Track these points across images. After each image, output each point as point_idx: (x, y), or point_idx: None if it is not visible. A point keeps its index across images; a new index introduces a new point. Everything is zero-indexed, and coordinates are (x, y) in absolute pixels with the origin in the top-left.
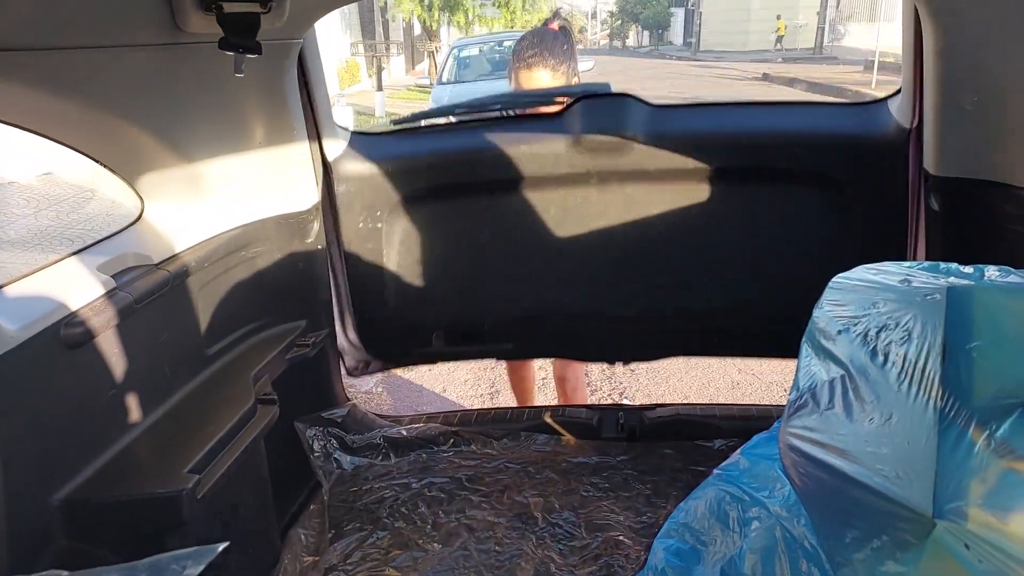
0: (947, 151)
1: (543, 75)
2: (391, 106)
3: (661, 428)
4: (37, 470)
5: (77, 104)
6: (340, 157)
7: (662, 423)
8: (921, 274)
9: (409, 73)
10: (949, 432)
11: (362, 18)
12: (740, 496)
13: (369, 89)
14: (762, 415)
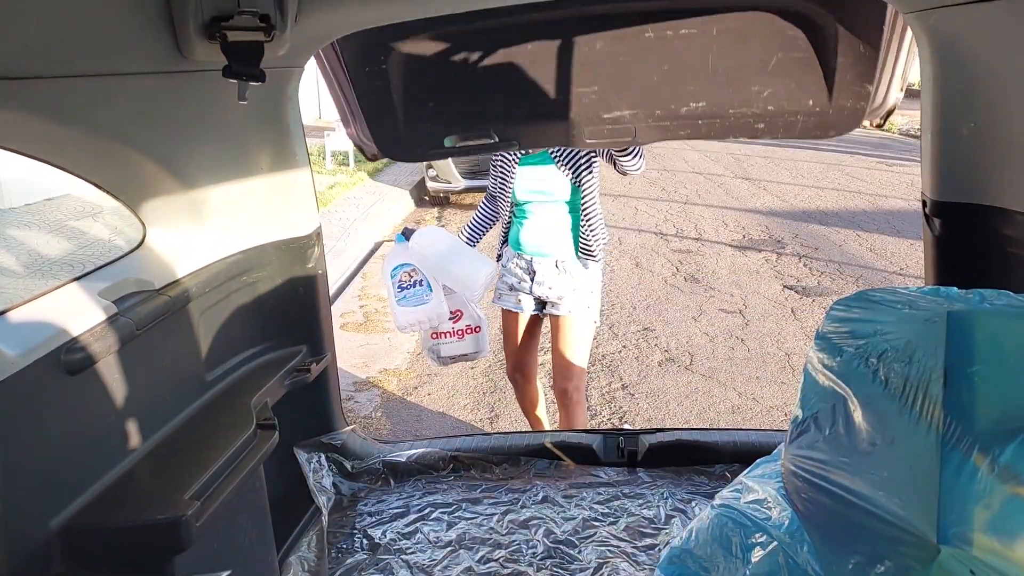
0: (945, 176)
1: None
2: None
3: (662, 453)
4: (36, 495)
5: (81, 131)
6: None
7: (663, 448)
8: (921, 298)
9: None
10: (952, 457)
11: None
12: (742, 522)
13: None
14: (763, 440)
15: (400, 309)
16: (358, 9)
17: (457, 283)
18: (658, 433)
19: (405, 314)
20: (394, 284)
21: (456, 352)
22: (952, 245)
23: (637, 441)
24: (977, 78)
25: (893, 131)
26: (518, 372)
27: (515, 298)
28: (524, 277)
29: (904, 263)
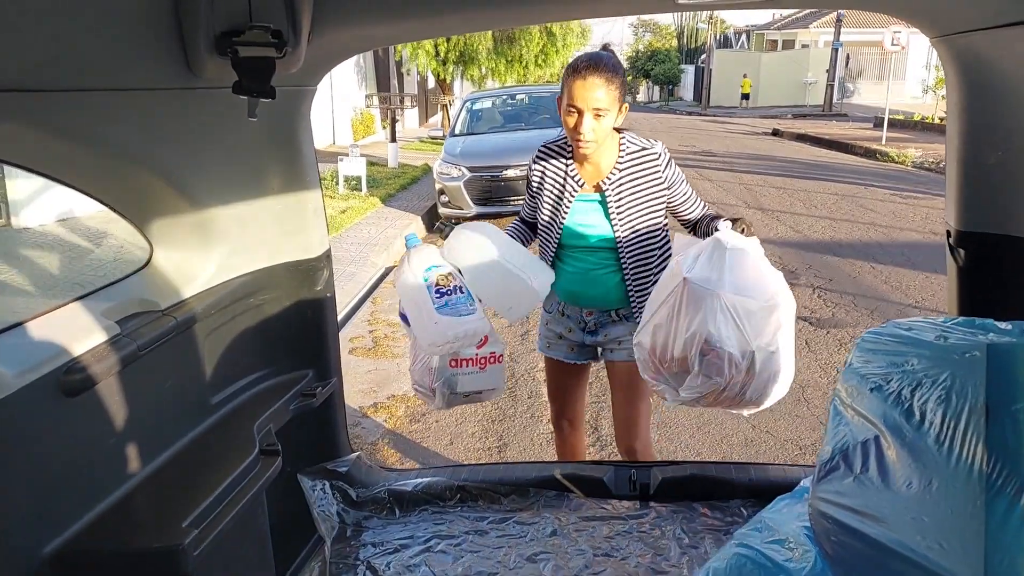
0: (971, 206)
1: (597, 82)
2: (404, 157)
3: (675, 486)
4: (29, 520)
5: (88, 147)
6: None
7: (676, 481)
8: (957, 330)
9: (422, 125)
10: (998, 501)
11: (378, 72)
12: (762, 563)
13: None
14: (780, 475)
15: (442, 318)
16: (372, 28)
17: (502, 298)
18: (671, 466)
19: (448, 325)
20: (430, 287)
21: (474, 387)
22: (978, 276)
23: (649, 474)
24: (1005, 105)
25: (907, 164)
26: (565, 419)
27: (567, 347)
28: (574, 327)
29: (920, 296)
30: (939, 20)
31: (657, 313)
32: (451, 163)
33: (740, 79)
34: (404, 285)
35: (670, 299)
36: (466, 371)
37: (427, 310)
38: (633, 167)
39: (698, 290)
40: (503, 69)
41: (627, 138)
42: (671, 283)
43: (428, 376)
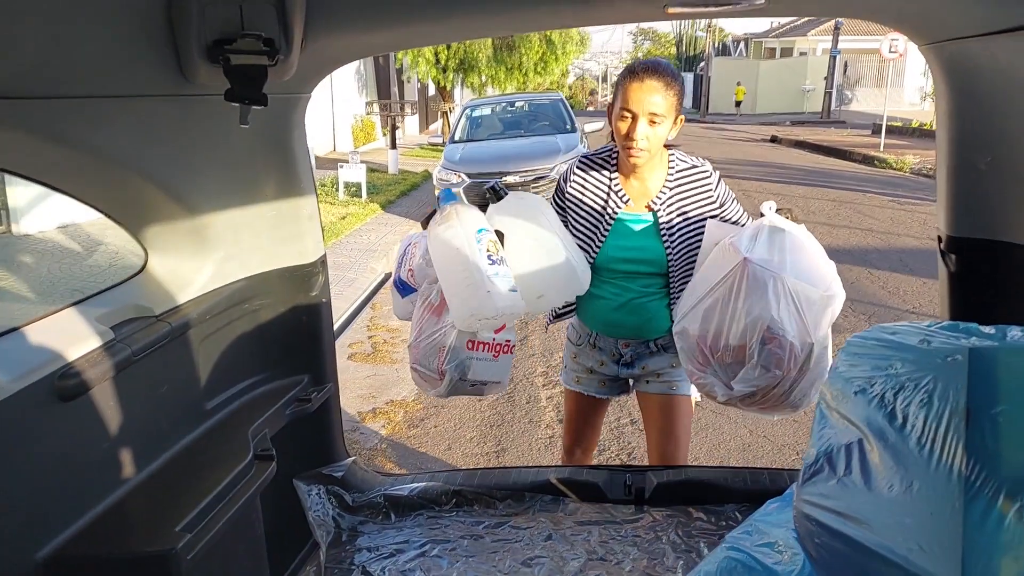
0: (961, 211)
1: (655, 86)
2: (404, 163)
3: (670, 491)
4: (22, 524)
5: (82, 154)
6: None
7: (671, 486)
8: (940, 334)
9: (423, 132)
10: (976, 503)
11: (378, 79)
12: (752, 565)
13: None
14: (774, 479)
15: (496, 288)
16: (365, 36)
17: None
18: (666, 470)
19: (500, 297)
20: (482, 251)
21: (483, 376)
22: (968, 282)
23: (645, 478)
24: (994, 112)
25: (905, 170)
26: (579, 448)
27: (598, 382)
28: (607, 359)
29: (917, 301)
30: (928, 28)
31: (708, 297)
32: (451, 170)
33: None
34: (445, 242)
35: (725, 281)
36: (480, 356)
37: (479, 276)
38: (684, 186)
39: (760, 272)
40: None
41: (676, 155)
42: (725, 264)
43: (438, 356)
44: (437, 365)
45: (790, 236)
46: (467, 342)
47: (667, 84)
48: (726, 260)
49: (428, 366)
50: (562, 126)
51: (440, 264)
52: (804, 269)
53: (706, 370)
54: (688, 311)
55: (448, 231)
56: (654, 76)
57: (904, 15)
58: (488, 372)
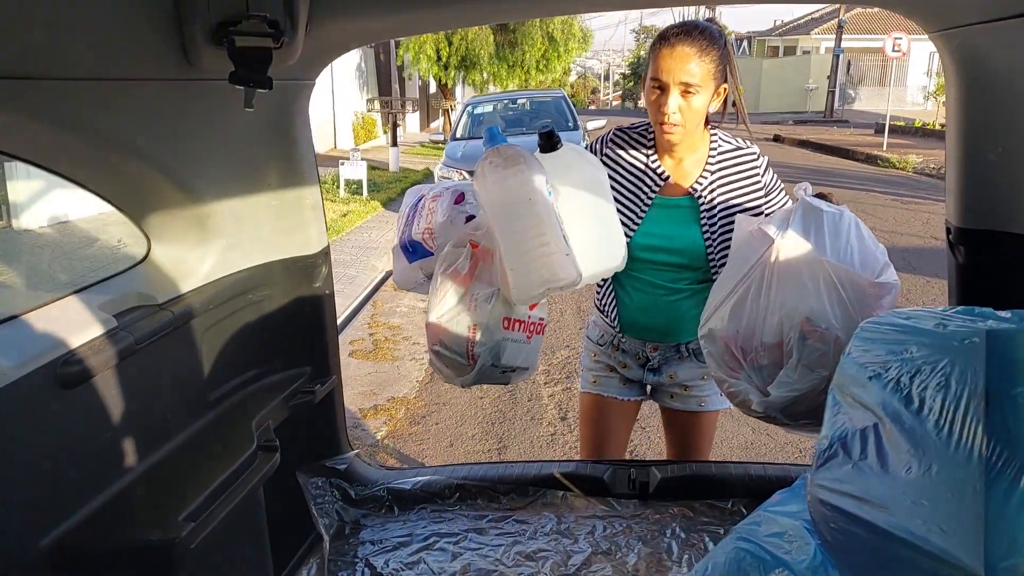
0: (971, 202)
1: (687, 52)
2: (405, 161)
3: (674, 485)
4: (25, 512)
5: (84, 138)
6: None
7: (675, 480)
8: (956, 318)
9: (424, 130)
10: (998, 483)
11: (379, 76)
12: (761, 556)
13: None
14: (778, 474)
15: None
16: (370, 21)
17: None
18: (670, 465)
19: (574, 261)
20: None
21: (514, 361)
22: (977, 273)
23: (648, 473)
24: (1005, 101)
25: (908, 170)
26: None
27: (620, 380)
28: (631, 363)
29: (921, 300)
30: (938, 14)
31: (736, 291)
32: (452, 167)
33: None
34: (512, 192)
35: (755, 270)
36: (515, 337)
37: (555, 236)
38: (727, 169)
39: (795, 255)
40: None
41: (719, 135)
42: (753, 251)
43: (468, 336)
44: (467, 347)
45: (829, 217)
46: (503, 320)
47: (702, 49)
48: (754, 246)
49: (455, 348)
50: (564, 124)
51: (502, 219)
52: (848, 253)
53: (738, 375)
54: (714, 309)
55: (517, 178)
56: (686, 41)
57: (914, 1)
58: (520, 356)
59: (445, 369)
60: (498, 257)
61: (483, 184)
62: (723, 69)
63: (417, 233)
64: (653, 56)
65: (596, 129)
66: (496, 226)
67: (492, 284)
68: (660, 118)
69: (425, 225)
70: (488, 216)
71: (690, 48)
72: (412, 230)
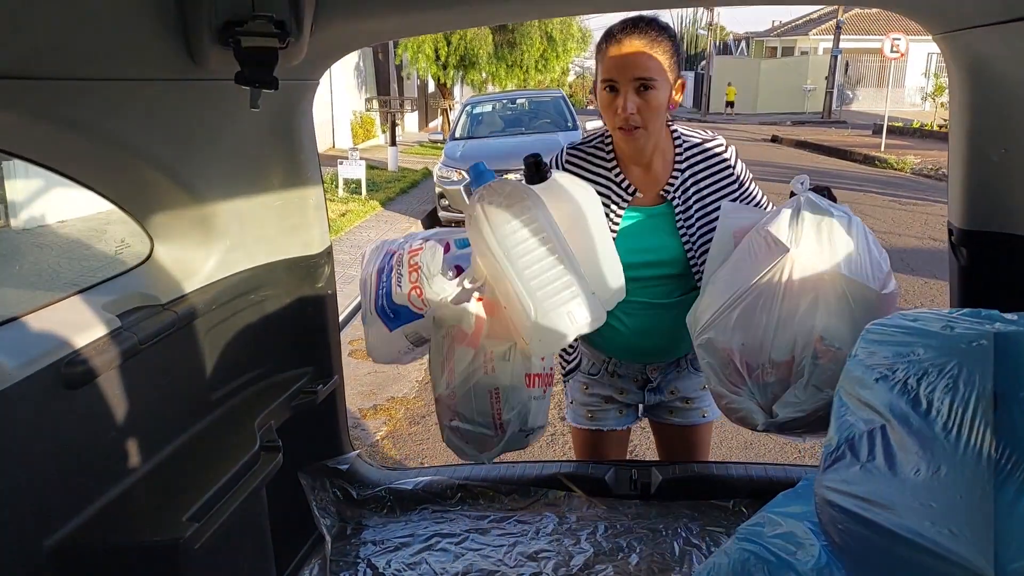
0: (974, 204)
1: (636, 43)
2: (403, 161)
3: (675, 486)
4: (30, 513)
5: (90, 138)
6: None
7: (676, 481)
8: (963, 320)
9: (422, 130)
10: (1007, 485)
11: (378, 75)
12: (766, 557)
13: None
14: (780, 475)
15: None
16: (375, 22)
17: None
18: (672, 466)
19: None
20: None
21: (537, 421)
22: (979, 275)
23: (650, 473)
24: (1009, 103)
25: (906, 171)
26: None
27: (617, 411)
28: (629, 387)
29: (918, 301)
30: (943, 16)
31: (743, 300)
32: (451, 167)
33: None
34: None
35: (765, 281)
36: (536, 393)
37: (577, 275)
38: (697, 165)
39: (810, 268)
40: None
41: (681, 130)
42: (763, 259)
43: (491, 403)
44: (492, 416)
45: (840, 222)
46: (525, 376)
47: (652, 40)
48: (764, 254)
49: (478, 419)
50: (563, 123)
51: (513, 266)
52: (860, 265)
53: (740, 391)
54: (714, 317)
55: (525, 216)
56: (634, 34)
57: (918, 3)
58: (540, 414)
59: (466, 447)
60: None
61: (484, 228)
62: (677, 61)
63: (400, 295)
64: (601, 58)
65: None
66: (509, 273)
67: (506, 338)
68: (618, 122)
69: (410, 285)
70: (494, 263)
71: (639, 40)
72: (391, 292)
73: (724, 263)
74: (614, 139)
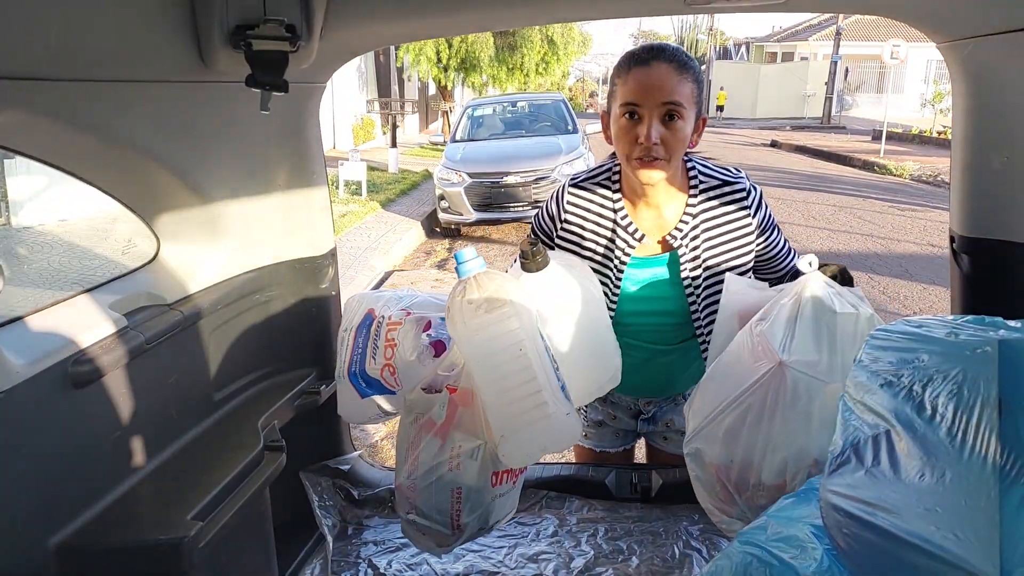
0: (976, 211)
1: (667, 69)
2: (404, 163)
3: (676, 489)
4: (35, 511)
5: (99, 139)
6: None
7: (677, 484)
8: (967, 327)
9: (423, 132)
10: (1012, 491)
11: (379, 77)
12: (768, 561)
13: (383, 146)
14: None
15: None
16: (383, 26)
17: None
18: (673, 469)
19: (576, 419)
20: (550, 354)
21: (502, 513)
22: (981, 282)
23: (651, 476)
24: (1012, 111)
25: (905, 177)
26: None
27: (611, 433)
28: (621, 415)
29: (918, 307)
30: (946, 25)
31: (729, 411)
32: (452, 169)
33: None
34: (496, 342)
35: (754, 393)
36: (503, 490)
37: (553, 392)
38: (712, 210)
39: (805, 381)
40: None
41: (698, 167)
42: (753, 366)
43: (452, 503)
44: (451, 516)
45: (845, 321)
46: (491, 476)
47: (682, 66)
48: (754, 361)
49: (436, 516)
50: (563, 127)
51: (486, 375)
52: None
53: (731, 512)
54: (703, 425)
55: (502, 324)
56: (663, 58)
57: (923, 12)
58: (507, 505)
59: (422, 538)
60: (480, 402)
61: (460, 329)
62: (700, 99)
63: (374, 369)
64: (623, 80)
65: (595, 133)
66: (480, 382)
67: (476, 435)
68: (638, 152)
69: (384, 361)
70: (469, 366)
71: (669, 65)
72: (365, 361)
73: (718, 359)
74: (626, 172)
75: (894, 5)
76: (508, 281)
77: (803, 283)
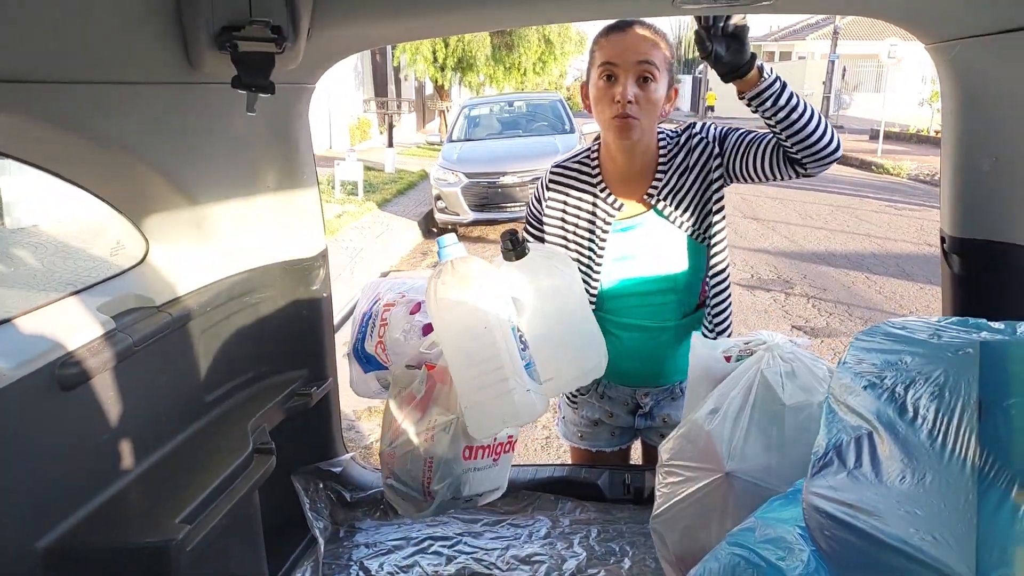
0: (965, 212)
1: (643, 35)
2: (400, 163)
3: None
4: (23, 514)
5: (86, 141)
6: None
7: None
8: (950, 329)
9: (419, 131)
10: (990, 493)
11: (375, 77)
12: (756, 562)
13: (380, 146)
14: None
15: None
16: (372, 27)
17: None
18: None
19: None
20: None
21: (480, 488)
22: (971, 283)
23: (644, 478)
24: (1000, 111)
25: (902, 176)
26: None
27: (608, 432)
28: (619, 411)
29: (914, 307)
30: (934, 26)
31: (684, 503)
32: (448, 169)
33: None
34: (464, 320)
35: (700, 497)
36: (480, 465)
37: (515, 369)
38: (678, 157)
39: (752, 489)
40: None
41: (667, 133)
42: (699, 468)
43: (423, 470)
44: (422, 482)
45: (790, 411)
46: (463, 450)
47: (655, 35)
48: (700, 459)
49: (409, 483)
50: (560, 127)
51: (454, 350)
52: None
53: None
54: (663, 507)
55: (470, 303)
56: (638, 26)
57: (911, 13)
58: (487, 481)
59: (401, 503)
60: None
61: (434, 308)
62: (671, 67)
63: (370, 346)
64: (600, 46)
65: (591, 133)
66: (449, 357)
67: (451, 410)
68: (614, 110)
69: (378, 339)
70: (441, 342)
71: (644, 31)
72: (368, 341)
73: (679, 446)
74: (605, 142)
75: (882, 6)
76: (482, 265)
77: (757, 363)
